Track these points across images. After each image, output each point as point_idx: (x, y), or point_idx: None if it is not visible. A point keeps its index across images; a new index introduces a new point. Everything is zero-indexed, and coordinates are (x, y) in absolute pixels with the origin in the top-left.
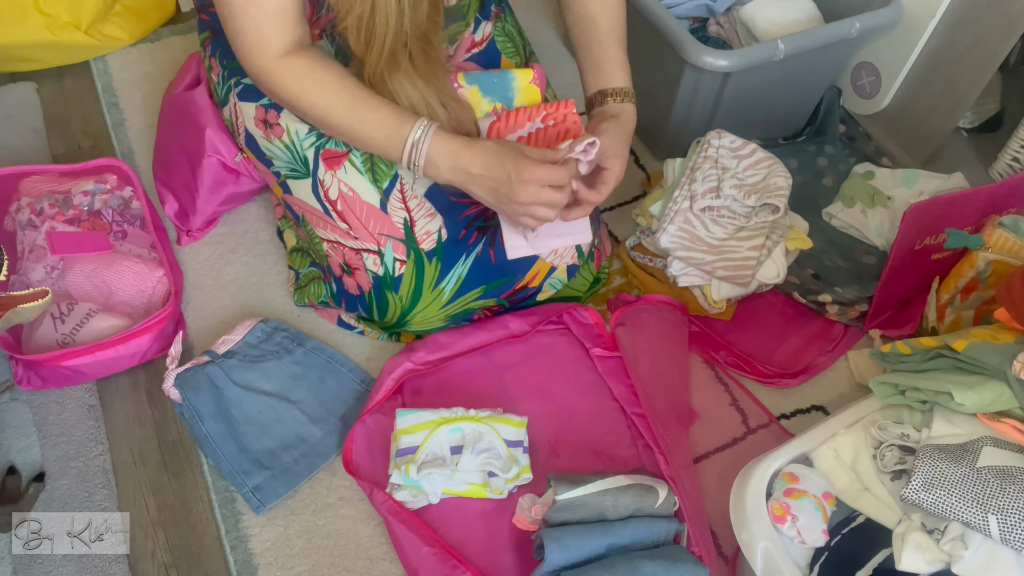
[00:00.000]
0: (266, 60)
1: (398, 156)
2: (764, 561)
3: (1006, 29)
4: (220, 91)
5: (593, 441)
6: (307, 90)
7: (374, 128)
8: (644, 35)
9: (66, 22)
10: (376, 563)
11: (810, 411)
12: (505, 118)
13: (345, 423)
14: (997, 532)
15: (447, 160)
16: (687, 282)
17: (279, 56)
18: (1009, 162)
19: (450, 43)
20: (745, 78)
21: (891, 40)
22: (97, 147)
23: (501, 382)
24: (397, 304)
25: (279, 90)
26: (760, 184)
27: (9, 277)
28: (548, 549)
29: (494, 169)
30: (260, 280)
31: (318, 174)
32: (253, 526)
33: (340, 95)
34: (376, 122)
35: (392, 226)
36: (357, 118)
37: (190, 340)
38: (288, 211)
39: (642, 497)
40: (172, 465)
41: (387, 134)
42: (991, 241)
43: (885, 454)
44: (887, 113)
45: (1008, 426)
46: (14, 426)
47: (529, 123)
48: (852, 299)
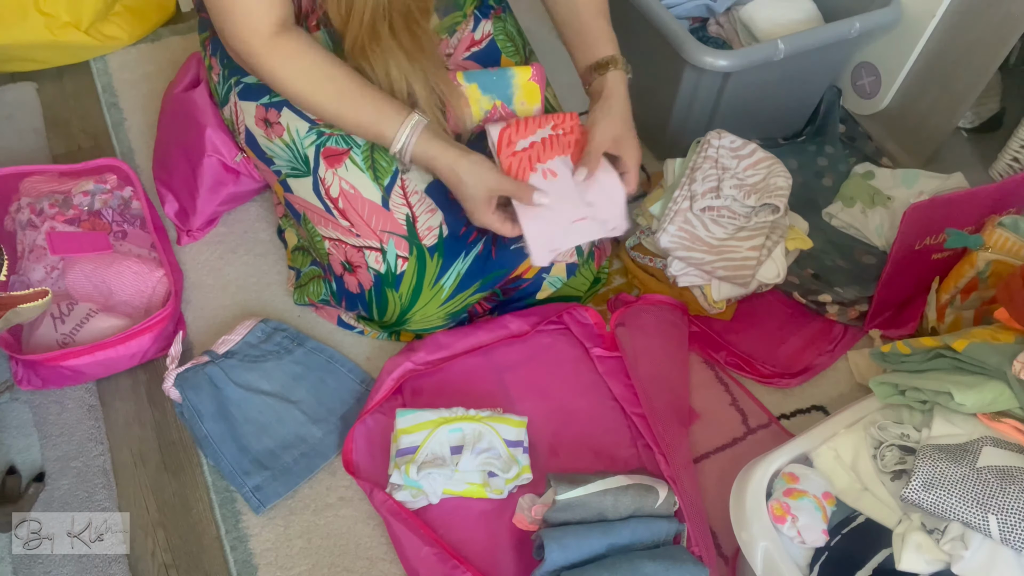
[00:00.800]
0: (256, 39)
1: (388, 145)
2: (764, 561)
3: (1006, 29)
4: (220, 90)
5: (593, 441)
6: (298, 74)
7: (366, 118)
8: (644, 35)
9: (66, 22)
10: (376, 563)
11: (810, 411)
12: (516, 126)
13: (345, 423)
14: (997, 532)
15: (434, 153)
16: (687, 282)
17: (268, 35)
18: (1009, 162)
19: (449, 34)
20: (745, 78)
21: (891, 40)
22: (97, 147)
23: (501, 382)
24: (397, 302)
25: (268, 71)
26: (760, 184)
27: (9, 277)
28: (548, 549)
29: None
30: (260, 280)
31: (319, 172)
32: (253, 526)
33: (332, 83)
34: (369, 112)
35: (394, 222)
36: (348, 108)
37: (190, 340)
38: (289, 210)
39: (642, 497)
40: (172, 465)
41: (378, 127)
42: (991, 241)
43: (885, 454)
44: (887, 113)
45: (1008, 426)
46: (14, 426)
47: (540, 130)
48: (852, 299)
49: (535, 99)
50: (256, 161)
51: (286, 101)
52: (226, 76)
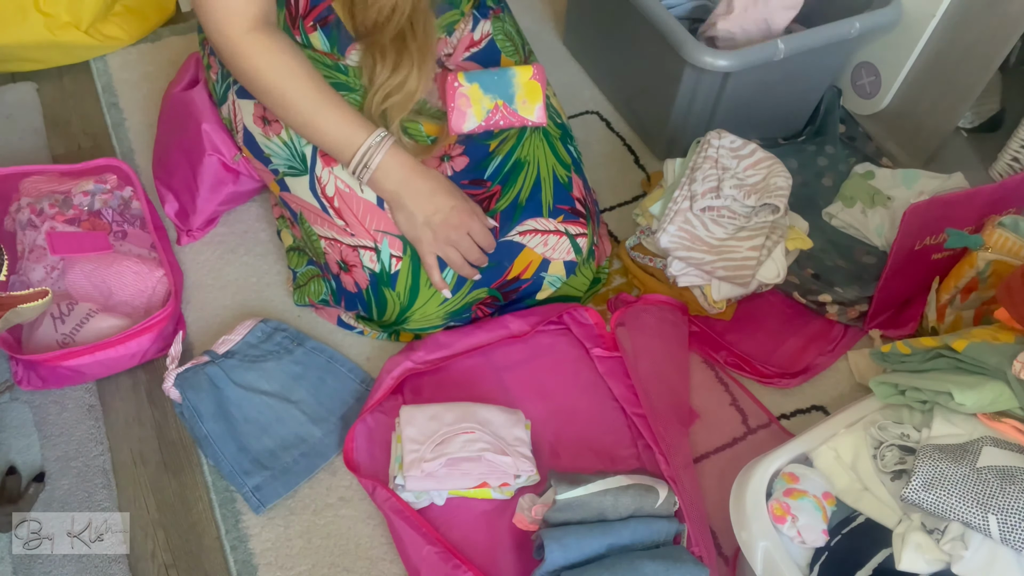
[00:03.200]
0: (234, 30)
1: (349, 155)
2: (764, 561)
3: (1006, 29)
4: (219, 90)
5: (593, 441)
6: (273, 69)
7: (334, 124)
8: (644, 35)
9: (66, 22)
10: (376, 563)
11: (810, 411)
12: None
13: (345, 423)
14: (997, 532)
15: (399, 171)
16: (687, 282)
17: (247, 29)
18: (1009, 162)
19: (448, 33)
20: (745, 78)
21: (891, 40)
22: (97, 147)
23: (501, 382)
24: (396, 301)
25: (244, 63)
26: (760, 184)
27: (9, 277)
28: (548, 549)
29: (440, 195)
30: (260, 280)
31: (316, 171)
32: (253, 526)
33: (306, 83)
34: (338, 119)
35: (388, 222)
36: (319, 110)
37: (190, 340)
38: (285, 209)
39: (642, 497)
40: (172, 465)
41: (346, 133)
42: (991, 241)
43: (885, 454)
44: (887, 113)
45: (1008, 426)
46: (14, 426)
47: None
48: (852, 299)
49: (536, 98)
50: (253, 160)
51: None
52: (224, 75)
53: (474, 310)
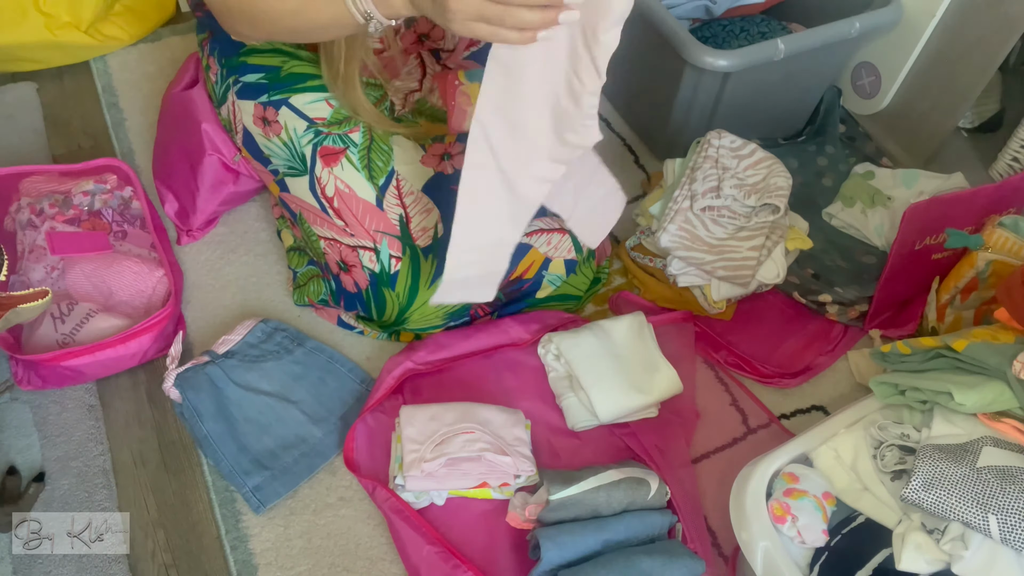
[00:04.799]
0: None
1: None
2: (764, 561)
3: (1006, 29)
4: (218, 90)
5: (593, 442)
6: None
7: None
8: (644, 35)
9: (66, 22)
10: (376, 563)
11: (810, 411)
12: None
13: (345, 423)
14: (997, 532)
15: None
16: (687, 282)
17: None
18: (1009, 162)
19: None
20: (745, 78)
21: (891, 40)
22: (97, 147)
23: (501, 382)
24: (395, 301)
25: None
26: (760, 184)
27: (9, 277)
28: (544, 548)
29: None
30: (260, 280)
31: (315, 171)
32: (253, 526)
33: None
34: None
35: (388, 223)
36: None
37: (190, 340)
38: (285, 209)
39: (634, 490)
40: (172, 465)
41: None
42: (991, 241)
43: (885, 454)
44: (887, 113)
45: (1008, 426)
46: (14, 426)
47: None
48: (852, 299)
49: None
50: (252, 161)
51: (285, 100)
52: (224, 75)
53: (474, 310)
